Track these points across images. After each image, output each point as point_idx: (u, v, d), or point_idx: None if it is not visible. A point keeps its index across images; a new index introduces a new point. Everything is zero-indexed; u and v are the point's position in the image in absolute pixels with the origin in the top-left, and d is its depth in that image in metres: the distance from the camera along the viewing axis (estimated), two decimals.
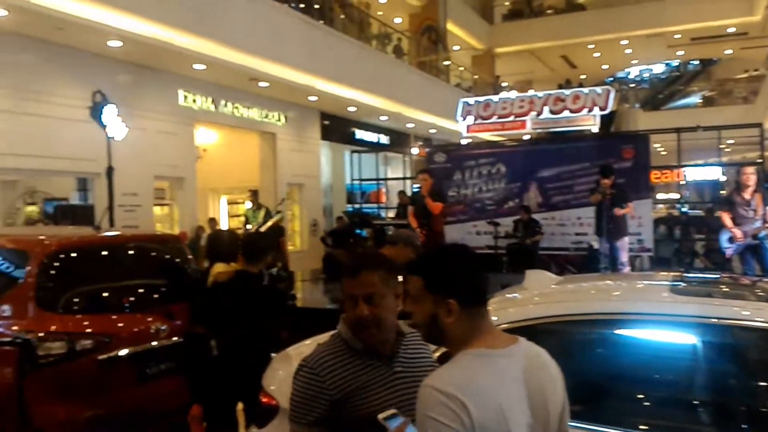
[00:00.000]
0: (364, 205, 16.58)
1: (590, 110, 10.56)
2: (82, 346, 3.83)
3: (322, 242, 12.26)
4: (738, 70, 26.39)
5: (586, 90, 10.93)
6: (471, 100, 11.84)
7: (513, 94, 11.53)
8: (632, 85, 32.07)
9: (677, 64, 33.59)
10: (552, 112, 10.88)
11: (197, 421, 3.96)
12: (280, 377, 3.05)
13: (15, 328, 3.84)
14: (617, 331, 2.70)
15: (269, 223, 10.38)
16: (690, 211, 14.30)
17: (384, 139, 18.67)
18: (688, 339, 2.40)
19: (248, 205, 15.63)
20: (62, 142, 9.19)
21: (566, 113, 10.78)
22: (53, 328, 3.82)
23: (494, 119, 11.29)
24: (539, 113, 10.91)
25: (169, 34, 9.42)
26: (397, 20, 20.10)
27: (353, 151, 12.78)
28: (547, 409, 1.61)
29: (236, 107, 13.03)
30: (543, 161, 10.57)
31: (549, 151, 10.75)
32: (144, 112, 10.49)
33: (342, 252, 12.29)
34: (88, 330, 3.90)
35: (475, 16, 23.98)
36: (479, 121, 11.38)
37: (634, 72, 33.62)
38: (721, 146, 10.14)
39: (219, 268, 4.42)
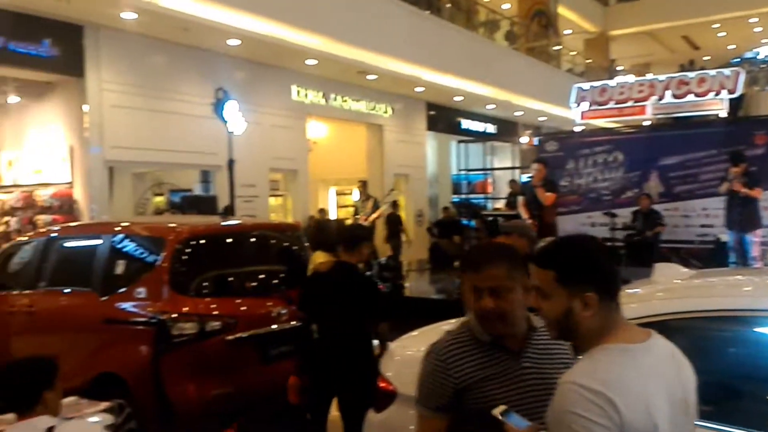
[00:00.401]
0: (471, 196, 16.45)
1: (717, 93, 9.79)
2: (212, 327, 4.07)
3: (429, 233, 12.29)
4: None
5: (712, 72, 10.15)
6: (586, 85, 11.35)
7: (631, 78, 10.88)
8: (763, 66, 29.41)
9: None
10: (675, 96, 10.19)
11: (294, 390, 4.08)
12: (397, 364, 3.09)
13: (151, 309, 4.15)
14: (749, 329, 2.49)
15: (376, 214, 10.52)
16: None
17: (491, 129, 18.35)
18: None
19: (356, 195, 16.02)
20: (187, 137, 9.81)
21: (690, 97, 10.06)
22: (185, 309, 4.09)
23: (611, 105, 10.75)
24: (661, 98, 10.26)
25: (283, 31, 9.78)
26: (505, 6, 19.64)
27: (460, 141, 12.65)
28: (687, 408, 1.52)
29: (345, 100, 13.31)
30: (665, 148, 9.96)
31: (672, 138, 10.10)
32: (259, 107, 10.95)
33: (448, 242, 12.29)
34: (217, 312, 4.13)
35: None
36: (594, 107, 10.89)
37: (764, 52, 30.85)
38: None
39: (319, 257, 4.53)
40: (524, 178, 16.11)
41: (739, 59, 27.86)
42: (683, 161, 9.86)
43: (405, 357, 3.11)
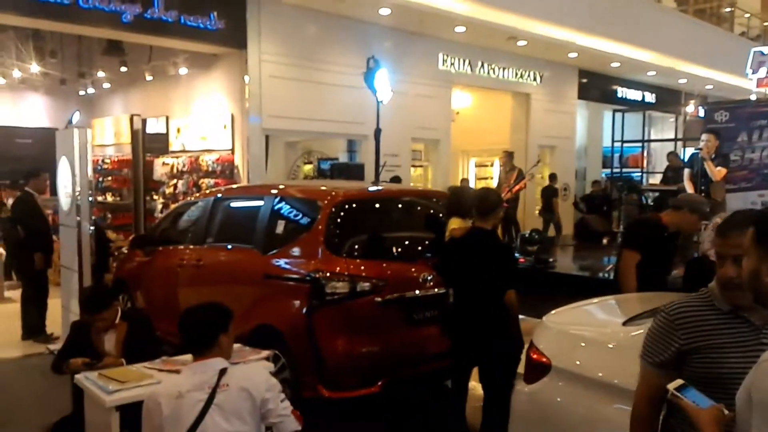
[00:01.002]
0: (623, 170, 15.47)
1: None
2: (362, 288, 4.20)
3: (575, 207, 11.78)
4: None
5: None
6: (766, 49, 10.13)
7: None
8: None
9: None
10: None
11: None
12: (552, 336, 3.00)
13: (307, 267, 4.37)
14: None
15: (519, 186, 10.24)
16: None
17: (649, 97, 17.08)
18: None
19: (496, 166, 15.68)
20: (336, 107, 10.13)
21: None
22: (338, 269, 4.25)
23: None
24: None
25: None
26: None
27: (615, 110, 11.90)
28: None
29: (492, 68, 13.00)
30: None
31: None
32: (405, 76, 11.01)
33: (596, 218, 11.70)
34: (367, 273, 4.25)
35: None
36: None
37: None
38: None
39: (454, 223, 4.50)
40: (686, 151, 14.87)
41: None
42: None
43: (560, 330, 3.02)
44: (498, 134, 14.58)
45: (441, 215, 4.81)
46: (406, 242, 4.82)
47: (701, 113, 14.96)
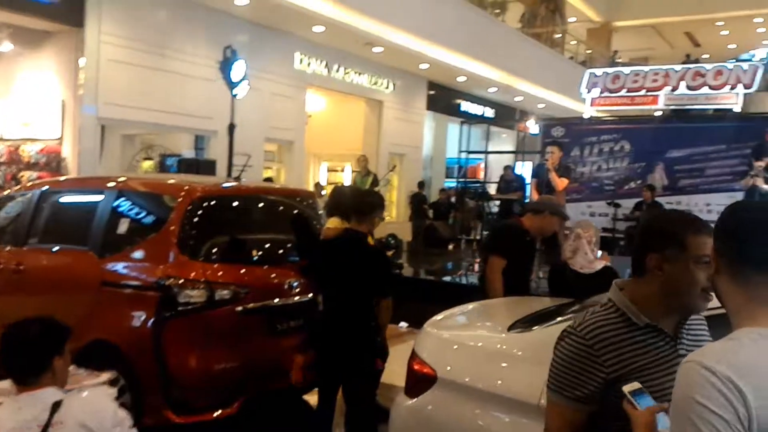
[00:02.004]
0: (463, 180, 16.20)
1: (733, 87, 9.61)
2: (221, 296, 3.78)
3: (422, 214, 12.08)
4: None
5: (730, 65, 9.97)
6: (599, 71, 11.11)
7: (646, 67, 10.64)
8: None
9: None
10: (689, 87, 10.00)
11: (298, 368, 3.83)
12: (436, 345, 2.84)
13: (155, 273, 3.84)
14: None
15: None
16: None
17: (489, 113, 18.09)
18: None
19: (348, 171, 15.67)
20: (185, 99, 9.42)
21: (705, 89, 9.87)
22: (193, 275, 3.78)
23: (623, 92, 10.52)
24: (675, 88, 10.06)
25: None
26: None
27: (463, 122, 12.41)
28: None
29: (348, 72, 12.93)
30: (674, 140, 9.80)
31: (682, 130, 9.95)
32: (261, 73, 10.55)
33: (443, 224, 12.07)
34: (227, 279, 3.84)
35: None
36: (606, 93, 10.66)
37: (759, 54, 30.87)
38: None
39: (331, 223, 4.26)
40: (522, 165, 15.92)
41: (734, 60, 27.94)
42: (690, 155, 9.74)
43: (444, 338, 2.87)
44: (350, 139, 14.57)
45: (308, 216, 4.53)
46: (271, 244, 4.46)
47: (533, 130, 16.18)
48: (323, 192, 11.39)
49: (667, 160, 9.84)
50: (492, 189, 13.96)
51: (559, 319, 2.63)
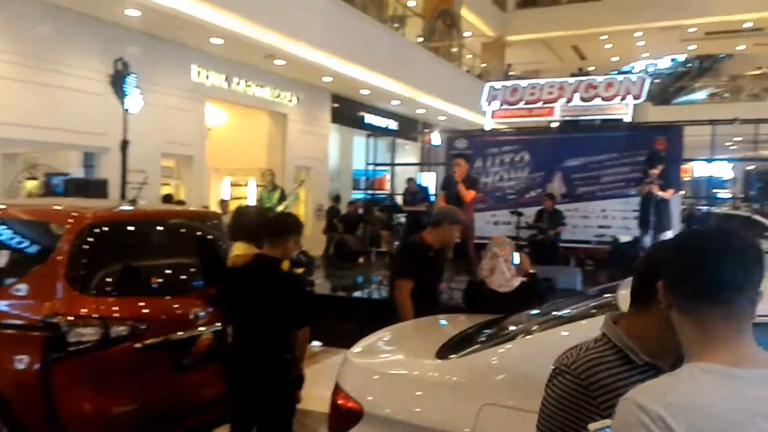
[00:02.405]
0: (370, 192, 16.22)
1: (623, 99, 10.18)
2: (117, 333, 3.43)
3: (332, 228, 11.91)
4: (749, 66, 26.08)
5: (620, 77, 10.54)
6: (498, 85, 11.42)
7: (542, 80, 11.06)
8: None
9: (683, 59, 33.26)
10: (583, 99, 10.49)
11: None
12: (360, 376, 2.68)
13: (41, 310, 3.44)
14: None
15: (283, 206, 9.97)
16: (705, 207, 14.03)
17: (393, 125, 18.24)
18: None
19: (252, 184, 15.25)
20: (72, 115, 8.77)
21: (597, 101, 10.39)
22: (84, 311, 3.42)
23: (521, 105, 10.89)
24: (569, 100, 10.52)
25: (189, 3, 8.96)
26: (411, 3, 19.60)
27: (369, 135, 12.39)
28: None
29: (249, 85, 12.57)
30: (570, 150, 10.24)
31: (576, 140, 10.42)
32: (155, 86, 10.01)
33: (353, 237, 11.96)
34: (124, 314, 3.49)
35: (488, 2, 23.50)
36: (505, 106, 10.98)
37: (638, 66, 33.28)
38: (728, 143, 9.66)
39: (238, 249, 4.04)
40: (422, 176, 16.14)
41: (617, 72, 29.93)
42: (586, 163, 10.18)
43: (369, 369, 2.71)
44: (254, 153, 14.20)
45: (215, 238, 4.24)
46: (173, 272, 4.12)
47: (436, 141, 16.48)
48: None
49: (565, 169, 10.25)
50: (399, 200, 14.08)
51: (488, 342, 2.55)
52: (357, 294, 8.67)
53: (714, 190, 21.73)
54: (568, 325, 2.37)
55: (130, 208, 4.15)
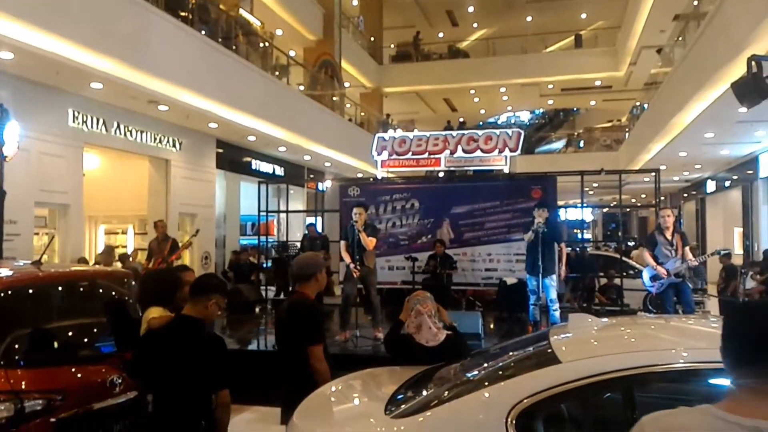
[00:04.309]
0: (256, 238, 15.99)
1: (501, 151, 10.96)
2: (31, 408, 3.15)
3: (224, 277, 11.56)
4: (601, 119, 29.03)
5: (497, 131, 11.33)
6: (386, 136, 11.86)
7: (428, 133, 11.63)
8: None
9: (542, 112, 36.36)
10: (465, 151, 11.16)
11: None
12: None
13: None
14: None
15: (175, 256, 9.58)
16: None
17: (279, 171, 18.21)
18: None
19: (130, 232, 14.48)
20: None
21: (478, 153, 11.10)
22: None
23: (409, 156, 11.36)
24: (453, 152, 11.15)
25: (66, 47, 8.53)
26: (292, 53, 19.91)
27: (260, 182, 12.29)
28: None
29: (129, 131, 12.06)
30: (456, 198, 10.77)
31: (461, 189, 10.98)
32: (30, 132, 9.33)
33: (248, 287, 11.66)
34: (37, 387, 3.22)
35: (365, 55, 24.43)
36: (394, 156, 11.40)
37: (502, 118, 35.91)
38: (586, 188, 10.75)
39: (154, 312, 3.85)
40: (317, 221, 16.20)
41: (481, 123, 32.11)
42: (471, 210, 10.74)
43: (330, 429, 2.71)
44: (132, 200, 13.56)
45: (129, 299, 4.02)
46: (85, 338, 3.85)
47: (321, 187, 16.66)
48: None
49: (452, 215, 10.75)
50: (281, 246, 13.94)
51: (441, 397, 2.66)
52: (254, 346, 8.45)
53: (575, 231, 23.60)
54: (517, 378, 2.53)
55: (33, 269, 3.84)
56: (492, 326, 9.20)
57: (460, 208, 10.77)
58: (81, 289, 3.98)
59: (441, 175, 11.86)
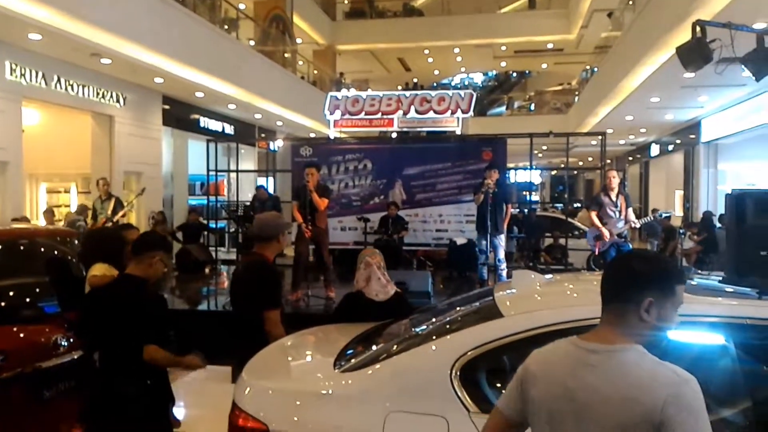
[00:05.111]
0: (204, 198, 15.72)
1: (453, 112, 10.99)
2: None
3: (172, 237, 11.33)
4: (552, 82, 29.34)
5: (450, 93, 11.34)
6: (339, 95, 11.71)
7: (381, 93, 11.54)
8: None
9: (495, 74, 36.48)
10: (418, 111, 11.14)
11: None
12: (260, 394, 2.69)
13: None
14: None
15: (120, 215, 9.34)
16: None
17: (228, 129, 17.81)
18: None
19: (73, 191, 14.02)
20: None
21: (431, 114, 11.10)
22: None
23: (362, 116, 11.27)
24: (406, 112, 11.11)
25: None
26: (241, 6, 19.27)
27: (209, 140, 12.01)
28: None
29: (70, 84, 11.55)
30: (408, 159, 10.81)
31: (414, 150, 11.02)
32: None
33: (197, 247, 11.50)
34: None
35: (318, 10, 23.86)
36: (347, 116, 11.28)
37: (456, 80, 35.90)
38: (535, 151, 10.96)
39: (97, 270, 3.78)
40: (268, 181, 16.01)
41: (435, 84, 32.07)
42: (422, 172, 10.82)
43: (270, 387, 2.74)
44: (75, 157, 13.09)
45: (72, 258, 3.93)
46: (27, 297, 3.76)
47: (273, 147, 16.42)
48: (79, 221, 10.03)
49: (404, 176, 10.81)
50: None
51: (385, 351, 2.71)
52: (205, 306, 8.39)
53: (524, 193, 24.12)
54: (462, 331, 2.61)
55: None
56: (442, 285, 9.38)
57: (413, 170, 10.82)
58: (21, 248, 3.87)
59: (394, 136, 11.84)
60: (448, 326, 2.87)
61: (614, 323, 1.62)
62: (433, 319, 3.09)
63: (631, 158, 25.97)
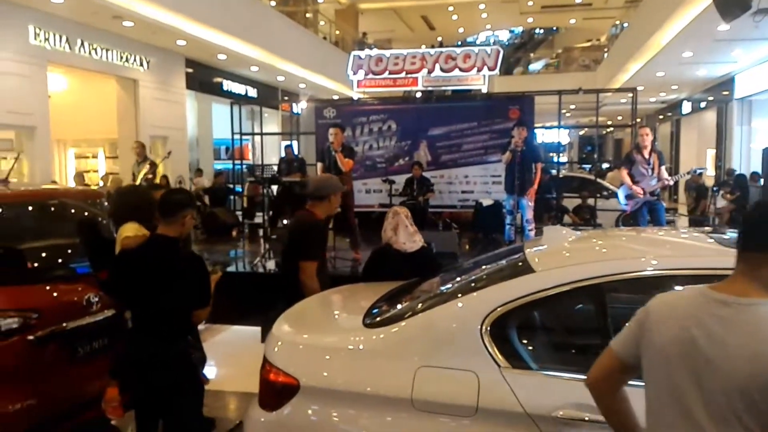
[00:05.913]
0: (230, 162, 15.75)
1: (480, 70, 10.74)
2: (7, 326, 3.15)
3: (199, 200, 11.43)
4: (580, 39, 28.55)
5: (476, 49, 11.05)
6: (362, 54, 11.49)
7: (405, 51, 11.31)
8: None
9: (521, 31, 35.61)
10: (443, 70, 10.91)
11: (111, 402, 3.38)
12: (290, 350, 2.69)
13: None
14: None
15: (140, 178, 9.36)
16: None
17: (251, 92, 17.76)
18: None
19: (101, 156, 14.14)
20: None
21: (456, 72, 10.87)
22: None
23: (386, 75, 11.08)
24: (431, 71, 10.89)
25: None
26: None
27: (233, 103, 11.97)
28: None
29: (94, 48, 11.57)
30: (433, 119, 10.64)
31: (439, 110, 10.84)
32: None
33: (223, 210, 11.60)
34: (13, 305, 3.21)
35: None
36: (370, 76, 11.10)
37: (481, 38, 35.13)
38: (563, 110, 10.68)
39: (128, 230, 3.80)
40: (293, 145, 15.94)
41: (460, 43, 31.42)
42: (448, 132, 10.66)
43: (301, 342, 2.75)
44: (102, 122, 13.20)
45: (98, 221, 3.96)
46: (59, 257, 3.81)
47: (296, 109, 16.33)
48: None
49: (429, 137, 10.66)
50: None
51: (413, 308, 2.69)
52: (233, 268, 8.49)
53: (551, 155, 23.80)
54: (493, 287, 2.57)
55: (5, 189, 3.74)
56: (468, 246, 9.32)
57: (438, 130, 10.67)
58: (52, 209, 3.91)
59: (418, 95, 11.65)
60: (478, 282, 2.83)
61: (749, 275, 1.51)
62: (463, 276, 3.06)
63: (661, 117, 25.31)
